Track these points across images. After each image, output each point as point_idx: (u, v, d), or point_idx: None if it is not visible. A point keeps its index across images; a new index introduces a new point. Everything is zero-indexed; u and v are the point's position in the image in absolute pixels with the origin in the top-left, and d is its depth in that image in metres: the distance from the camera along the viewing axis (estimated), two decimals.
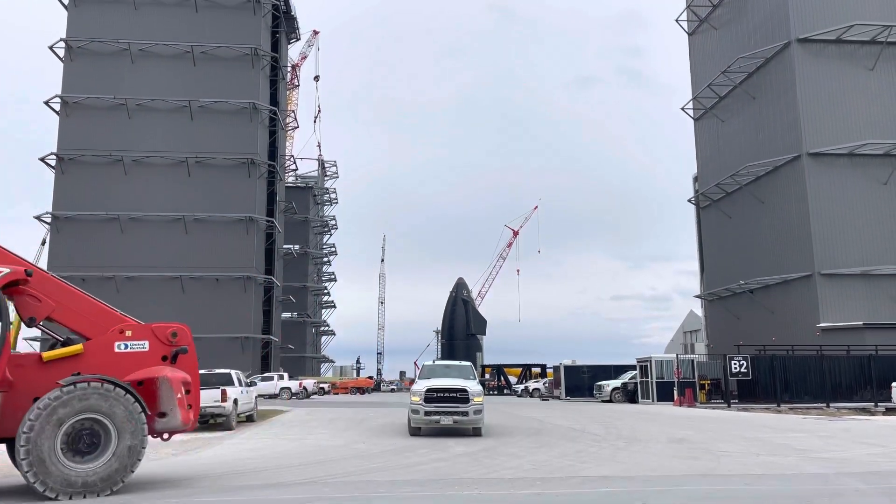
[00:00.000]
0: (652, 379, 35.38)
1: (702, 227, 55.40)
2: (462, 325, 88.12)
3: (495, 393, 61.72)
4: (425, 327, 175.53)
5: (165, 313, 49.49)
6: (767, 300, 42.98)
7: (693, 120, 53.44)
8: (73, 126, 51.66)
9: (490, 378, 65.75)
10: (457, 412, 16.43)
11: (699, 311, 69.45)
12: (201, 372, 21.54)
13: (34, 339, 50.60)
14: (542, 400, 44.62)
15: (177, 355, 10.12)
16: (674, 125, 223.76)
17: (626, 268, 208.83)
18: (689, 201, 56.27)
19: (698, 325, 72.55)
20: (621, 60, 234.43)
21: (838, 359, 32.76)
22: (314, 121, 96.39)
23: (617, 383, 38.85)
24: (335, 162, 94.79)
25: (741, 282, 44.46)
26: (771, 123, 43.17)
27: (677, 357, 36.03)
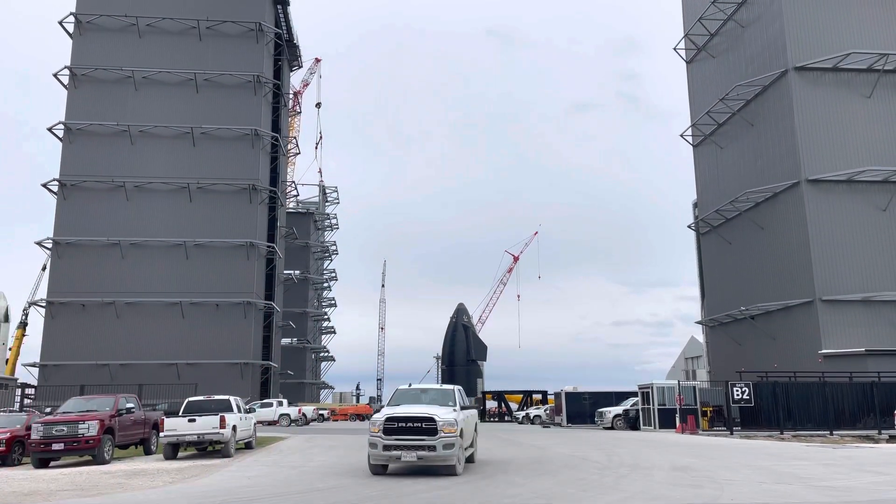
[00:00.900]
0: (654, 406, 35.13)
1: (702, 252, 55.43)
2: (462, 351, 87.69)
3: (496, 420, 61.21)
4: (426, 353, 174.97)
5: (165, 339, 49.49)
6: (769, 326, 42.85)
7: (692, 146, 53.78)
8: (76, 152, 52.00)
9: (492, 405, 65.28)
10: (422, 446, 13.47)
11: (700, 338, 69.17)
12: (201, 398, 21.44)
13: (33, 364, 50.46)
14: (544, 427, 44.25)
15: None
16: (673, 151, 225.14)
17: (627, 293, 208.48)
18: (689, 227, 56.40)
19: (700, 352, 72.21)
20: (620, 86, 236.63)
21: (841, 386, 32.55)
22: (316, 147, 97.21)
23: (618, 410, 38.55)
24: (336, 188, 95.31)
25: (742, 308, 44.36)
26: (770, 150, 43.44)
27: (679, 383, 35.81)
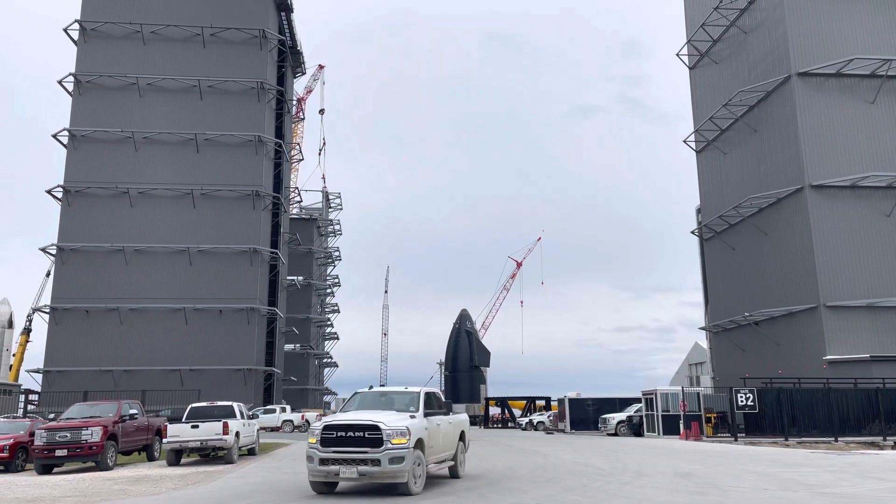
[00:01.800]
0: (657, 412, 35.01)
1: (705, 258, 55.34)
2: (465, 357, 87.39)
3: (500, 426, 61.07)
4: (429, 359, 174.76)
5: (169, 345, 49.53)
6: (773, 332, 42.73)
7: (695, 152, 53.77)
8: (81, 159, 52.19)
9: (496, 411, 65.14)
10: (364, 460, 11.63)
11: (704, 344, 69.00)
12: (204, 404, 21.45)
13: (37, 370, 50.50)
14: (547, 433, 44.12)
15: None
16: (677, 155, 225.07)
17: (630, 299, 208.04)
18: (692, 233, 56.33)
19: (703, 358, 72.01)
20: (622, 90, 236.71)
21: (845, 392, 32.41)
22: (319, 153, 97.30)
23: (622, 416, 38.43)
24: (339, 194, 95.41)
25: (746, 314, 44.25)
26: (773, 156, 43.40)
27: (683, 390, 35.68)
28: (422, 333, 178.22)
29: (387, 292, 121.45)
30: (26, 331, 66.94)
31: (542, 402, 60.41)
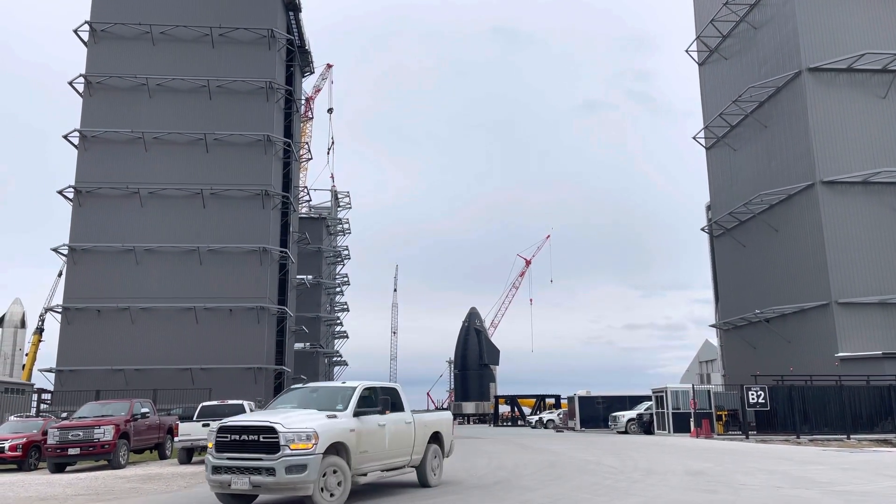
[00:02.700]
0: (668, 410, 34.91)
1: (715, 255, 55.07)
2: (475, 356, 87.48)
3: (509, 424, 61.08)
4: (438, 358, 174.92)
5: (180, 344, 49.78)
6: (784, 329, 42.48)
7: (705, 149, 53.50)
8: (91, 159, 52.49)
9: (505, 409, 65.18)
10: (258, 468, 9.77)
11: (714, 341, 68.69)
12: (215, 403, 21.53)
13: (49, 370, 50.89)
14: (557, 431, 44.08)
15: None
16: (686, 151, 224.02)
17: (640, 296, 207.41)
18: (702, 230, 56.07)
19: (714, 355, 71.67)
20: (630, 84, 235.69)
21: (858, 389, 32.21)
22: (328, 152, 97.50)
23: (632, 414, 38.35)
24: (348, 193, 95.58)
25: (757, 311, 44.02)
26: (783, 152, 43.13)
27: (693, 387, 35.56)
28: (431, 332, 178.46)
29: (396, 291, 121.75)
30: (39, 330, 67.49)
31: (552, 400, 60.37)
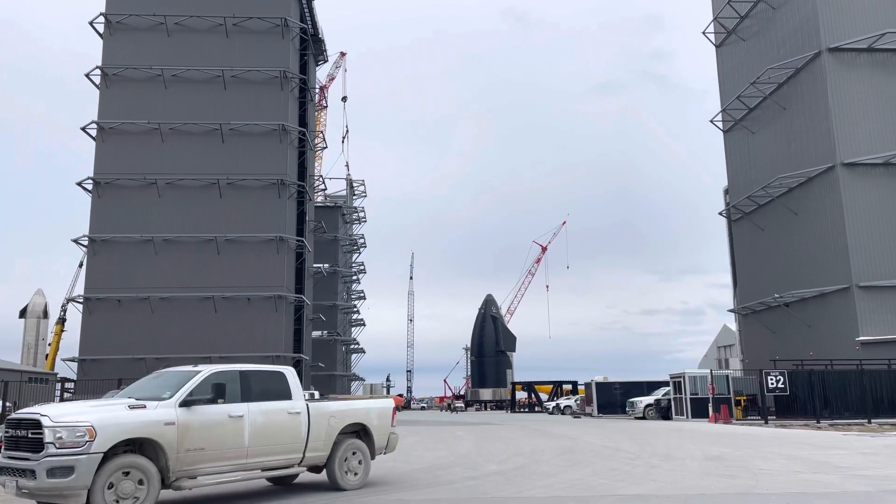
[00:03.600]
0: (686, 395, 34.80)
1: (734, 240, 54.58)
2: (491, 342, 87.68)
3: (526, 410, 61.23)
4: (455, 344, 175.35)
5: (199, 333, 50.32)
6: (804, 314, 42.09)
7: (722, 132, 52.89)
8: (109, 150, 52.97)
9: (522, 396, 65.34)
10: (23, 469, 8.17)
11: (733, 326, 68.23)
12: None
13: (72, 359, 51.69)
14: (574, 417, 44.12)
15: None
16: (703, 132, 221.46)
17: (657, 282, 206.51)
18: (720, 214, 55.55)
19: (732, 340, 71.23)
20: (645, 65, 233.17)
21: (879, 373, 31.89)
22: (342, 141, 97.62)
23: (650, 400, 38.29)
24: (363, 181, 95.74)
25: (776, 295, 43.62)
26: (803, 134, 42.53)
27: (711, 373, 35.40)
28: (447, 319, 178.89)
29: (412, 279, 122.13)
30: (61, 320, 68.47)
31: (569, 387, 60.40)
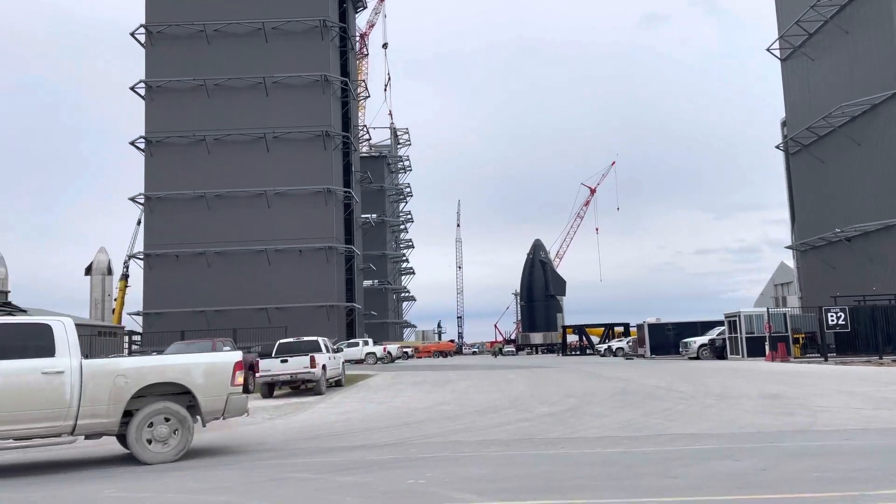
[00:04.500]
0: (741, 334, 34.25)
1: (792, 173, 52.54)
2: (541, 287, 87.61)
3: (577, 353, 61.40)
4: (504, 290, 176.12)
5: (254, 285, 51.70)
6: (866, 248, 40.56)
7: (780, 60, 50.36)
8: (158, 109, 53.86)
9: (573, 339, 65.49)
10: None
11: (791, 263, 66.38)
12: (291, 340, 22.42)
13: (137, 313, 53.91)
14: (626, 359, 44.05)
15: None
16: (758, 62, 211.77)
17: (710, 220, 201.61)
18: (777, 147, 53.41)
19: (790, 277, 69.38)
20: None
21: None
22: (384, 89, 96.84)
23: (704, 340, 37.84)
24: (407, 129, 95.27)
25: (836, 230, 42.07)
26: (867, 59, 40.17)
27: (768, 311, 34.66)
28: (496, 265, 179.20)
29: (459, 226, 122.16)
30: (124, 276, 71.25)
31: (621, 329, 60.14)
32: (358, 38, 78.87)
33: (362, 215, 68.95)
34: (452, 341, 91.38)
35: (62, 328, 9.17)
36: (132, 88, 54.42)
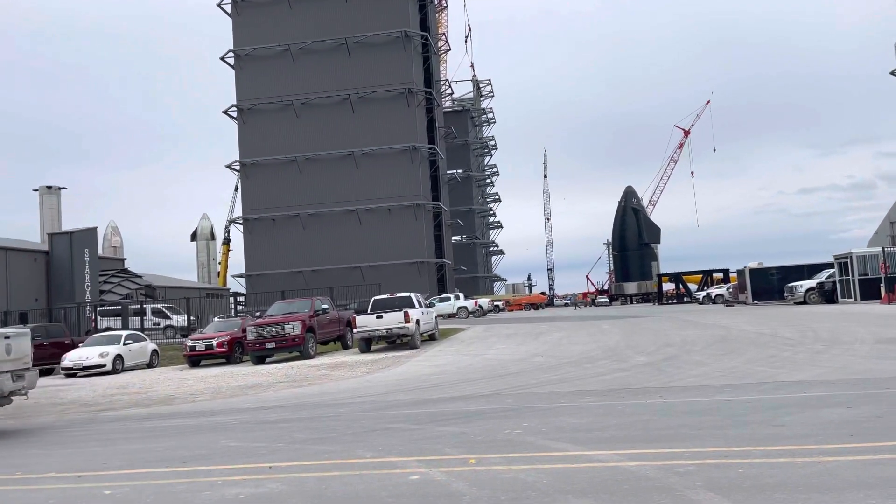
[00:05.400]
0: (854, 276, 32.25)
1: None
2: (634, 236, 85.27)
3: (674, 302, 59.80)
4: (595, 240, 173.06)
5: (347, 245, 53.17)
6: None
7: None
8: (247, 77, 55.48)
9: (669, 287, 63.81)
10: None
11: None
12: (385, 296, 23.02)
13: (240, 275, 56.70)
14: (727, 306, 42.50)
15: None
16: None
17: (815, 156, 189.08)
18: (891, 73, 49.12)
19: None
20: None
21: None
22: (465, 41, 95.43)
23: (811, 283, 35.88)
24: (489, 81, 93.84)
25: None
26: None
27: (884, 250, 32.38)
28: (586, 215, 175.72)
29: (546, 177, 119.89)
30: (226, 241, 74.94)
31: (720, 275, 57.98)
32: None
33: (448, 171, 69.07)
34: (543, 294, 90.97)
35: None
36: (222, 58, 56.19)
